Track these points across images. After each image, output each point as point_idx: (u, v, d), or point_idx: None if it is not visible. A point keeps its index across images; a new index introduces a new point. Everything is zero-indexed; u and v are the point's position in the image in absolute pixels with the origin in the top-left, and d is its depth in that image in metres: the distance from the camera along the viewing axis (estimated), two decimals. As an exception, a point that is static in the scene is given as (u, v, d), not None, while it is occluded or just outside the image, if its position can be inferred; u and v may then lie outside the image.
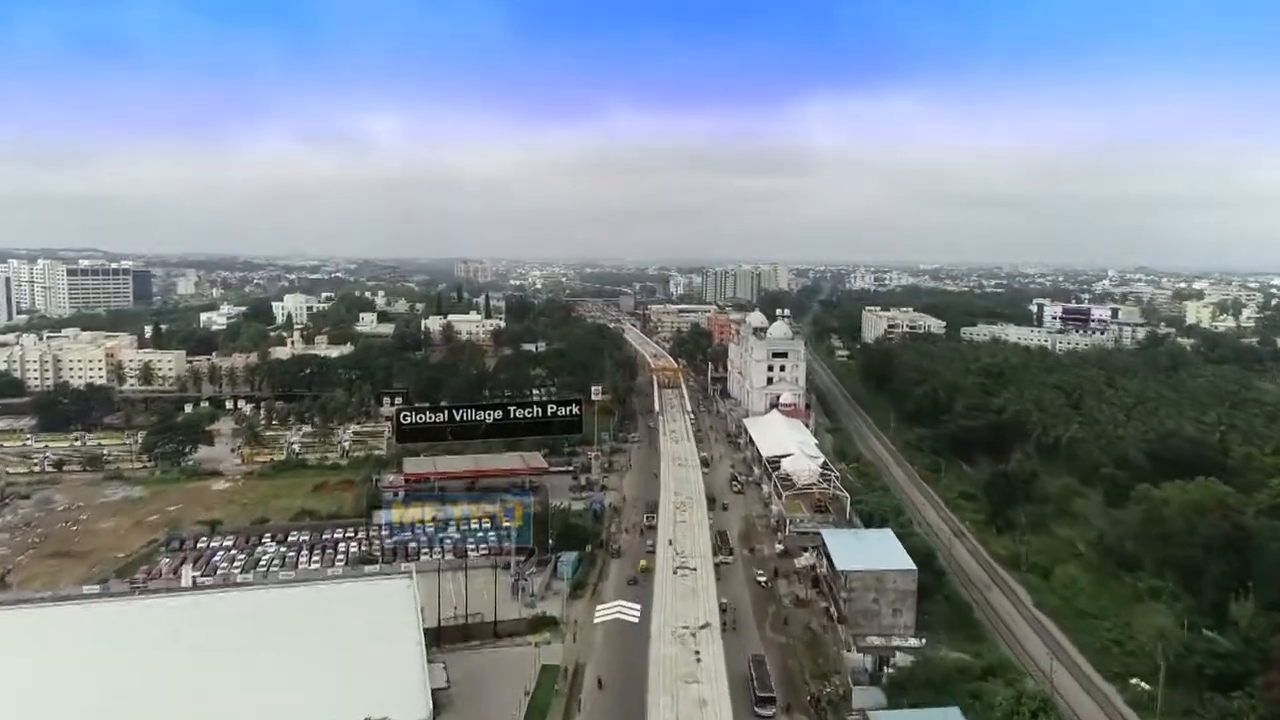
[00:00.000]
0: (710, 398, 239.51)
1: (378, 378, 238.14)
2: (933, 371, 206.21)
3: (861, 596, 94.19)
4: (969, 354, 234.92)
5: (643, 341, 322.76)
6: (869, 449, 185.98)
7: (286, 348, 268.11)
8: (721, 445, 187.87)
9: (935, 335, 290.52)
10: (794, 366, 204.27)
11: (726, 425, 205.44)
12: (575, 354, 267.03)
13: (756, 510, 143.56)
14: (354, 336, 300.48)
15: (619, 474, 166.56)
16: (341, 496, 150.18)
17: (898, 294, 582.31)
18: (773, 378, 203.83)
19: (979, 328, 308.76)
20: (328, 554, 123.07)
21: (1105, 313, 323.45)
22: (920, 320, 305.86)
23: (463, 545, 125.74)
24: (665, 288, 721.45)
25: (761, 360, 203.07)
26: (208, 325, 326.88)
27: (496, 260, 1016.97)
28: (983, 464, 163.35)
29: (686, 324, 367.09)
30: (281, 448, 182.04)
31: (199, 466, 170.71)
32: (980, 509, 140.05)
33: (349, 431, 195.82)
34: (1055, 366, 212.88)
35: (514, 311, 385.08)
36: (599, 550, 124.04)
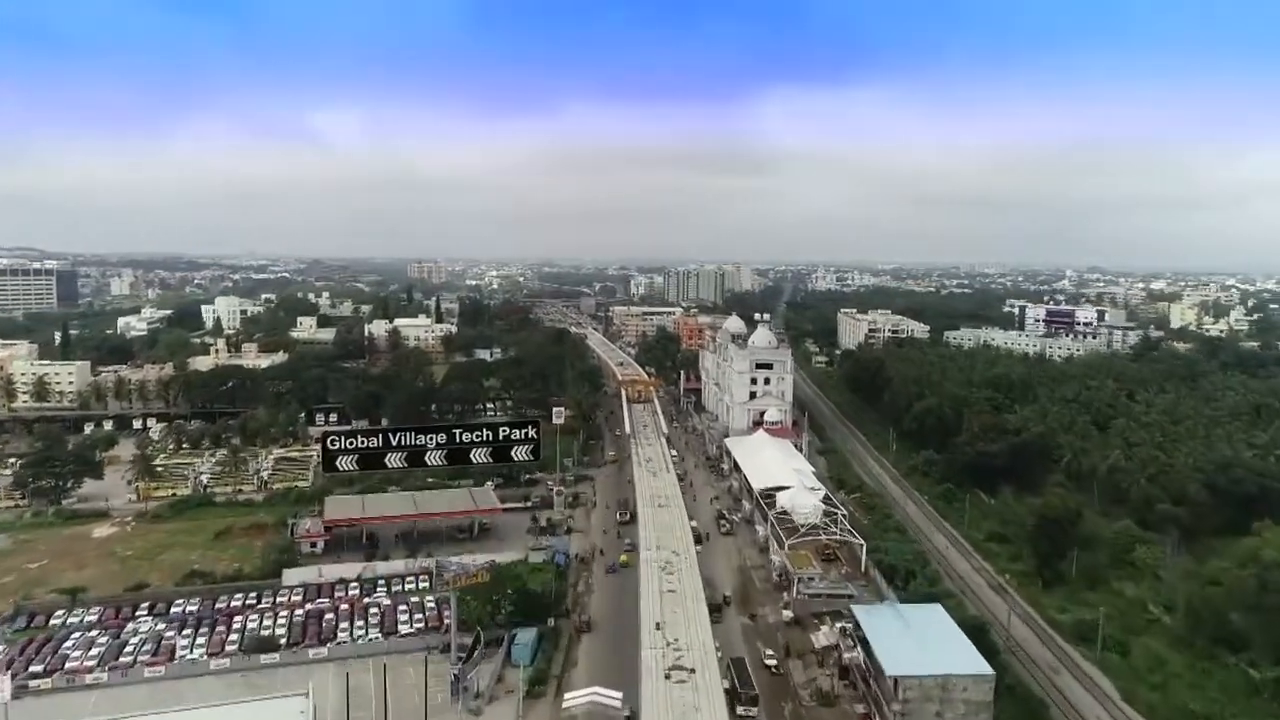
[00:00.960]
0: (684, 411, 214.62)
1: (311, 392, 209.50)
2: (933, 384, 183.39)
3: (920, 710, 69.50)
4: (964, 363, 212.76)
5: (606, 347, 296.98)
6: (869, 474, 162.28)
7: (209, 357, 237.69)
8: (701, 471, 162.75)
9: (919, 340, 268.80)
10: (780, 379, 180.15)
11: (705, 446, 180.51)
12: (533, 362, 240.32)
13: (751, 557, 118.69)
14: (289, 344, 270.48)
15: (585, 508, 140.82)
16: (248, 547, 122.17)
17: (864, 295, 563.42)
18: (756, 392, 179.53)
19: (962, 332, 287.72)
20: (218, 633, 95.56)
21: (1090, 315, 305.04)
22: (902, 324, 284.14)
23: (393, 615, 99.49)
24: (626, 288, 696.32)
25: (744, 372, 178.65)
26: (125, 331, 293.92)
27: (452, 260, 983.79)
28: (1005, 493, 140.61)
29: (652, 327, 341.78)
30: (187, 480, 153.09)
31: (82, 506, 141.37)
32: (1015, 552, 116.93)
33: (271, 458, 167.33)
34: (1061, 376, 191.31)
35: (468, 314, 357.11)
36: (564, 619, 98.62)
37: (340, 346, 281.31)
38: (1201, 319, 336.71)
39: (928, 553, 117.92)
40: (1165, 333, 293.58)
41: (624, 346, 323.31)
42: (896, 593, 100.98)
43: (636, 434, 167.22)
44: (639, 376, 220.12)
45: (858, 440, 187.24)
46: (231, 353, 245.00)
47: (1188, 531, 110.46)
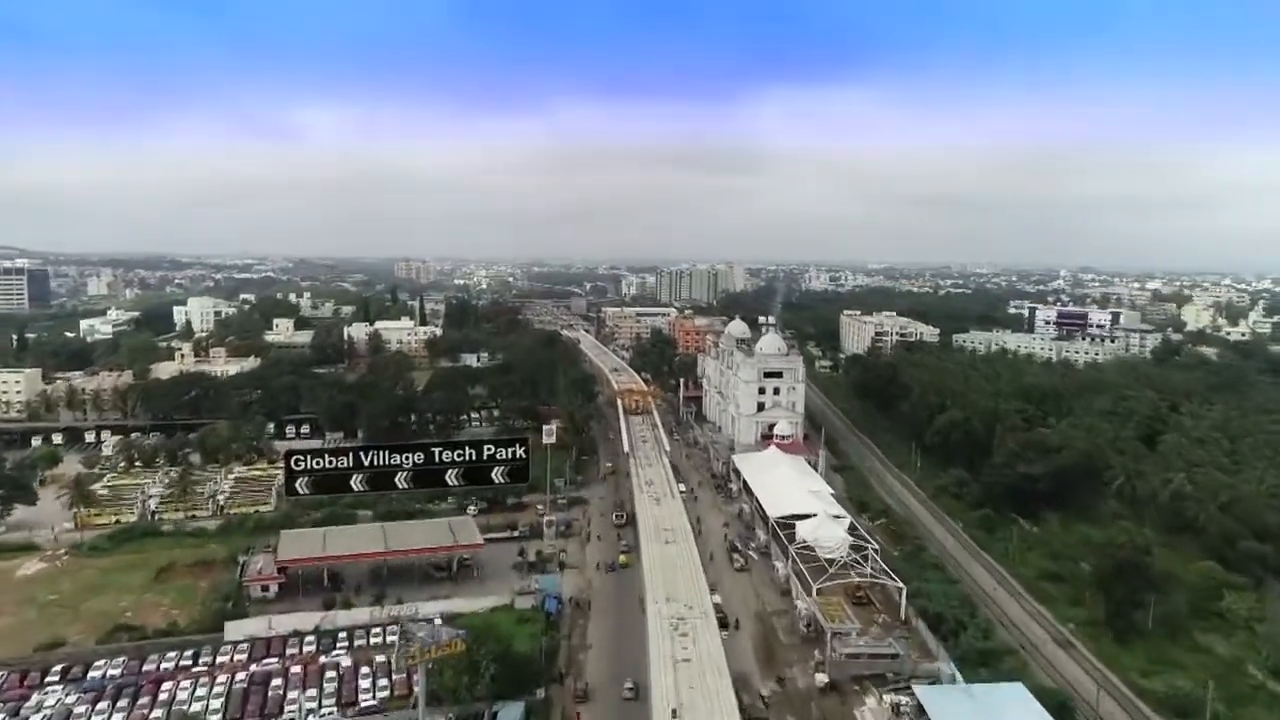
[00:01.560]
0: (684, 422, 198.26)
1: (281, 401, 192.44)
2: (955, 394, 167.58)
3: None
4: (985, 370, 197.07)
5: (599, 351, 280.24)
6: (891, 495, 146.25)
7: (174, 363, 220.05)
8: (706, 491, 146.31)
9: (929, 344, 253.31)
10: (791, 389, 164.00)
11: (710, 462, 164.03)
12: (522, 368, 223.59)
13: (771, 601, 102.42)
14: (262, 348, 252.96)
15: (578, 538, 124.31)
16: (192, 588, 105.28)
17: (861, 295, 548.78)
18: (765, 403, 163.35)
19: (972, 334, 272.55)
20: (140, 707, 78.70)
21: (1104, 317, 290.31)
22: (910, 327, 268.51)
23: (354, 680, 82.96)
24: (617, 288, 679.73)
25: (751, 382, 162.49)
26: (88, 335, 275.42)
27: (441, 259, 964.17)
28: (1050, 520, 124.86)
29: (646, 329, 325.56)
30: (134, 504, 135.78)
31: (10, 536, 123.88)
32: (1074, 595, 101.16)
33: (230, 478, 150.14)
34: (1092, 386, 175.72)
35: (454, 316, 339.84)
36: (556, 685, 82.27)
37: (318, 351, 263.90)
38: (1216, 321, 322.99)
39: (974, 595, 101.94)
40: (1183, 336, 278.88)
41: (617, 350, 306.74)
42: (944, 646, 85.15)
43: (636, 452, 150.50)
44: (636, 385, 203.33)
45: (874, 455, 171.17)
46: (198, 358, 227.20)
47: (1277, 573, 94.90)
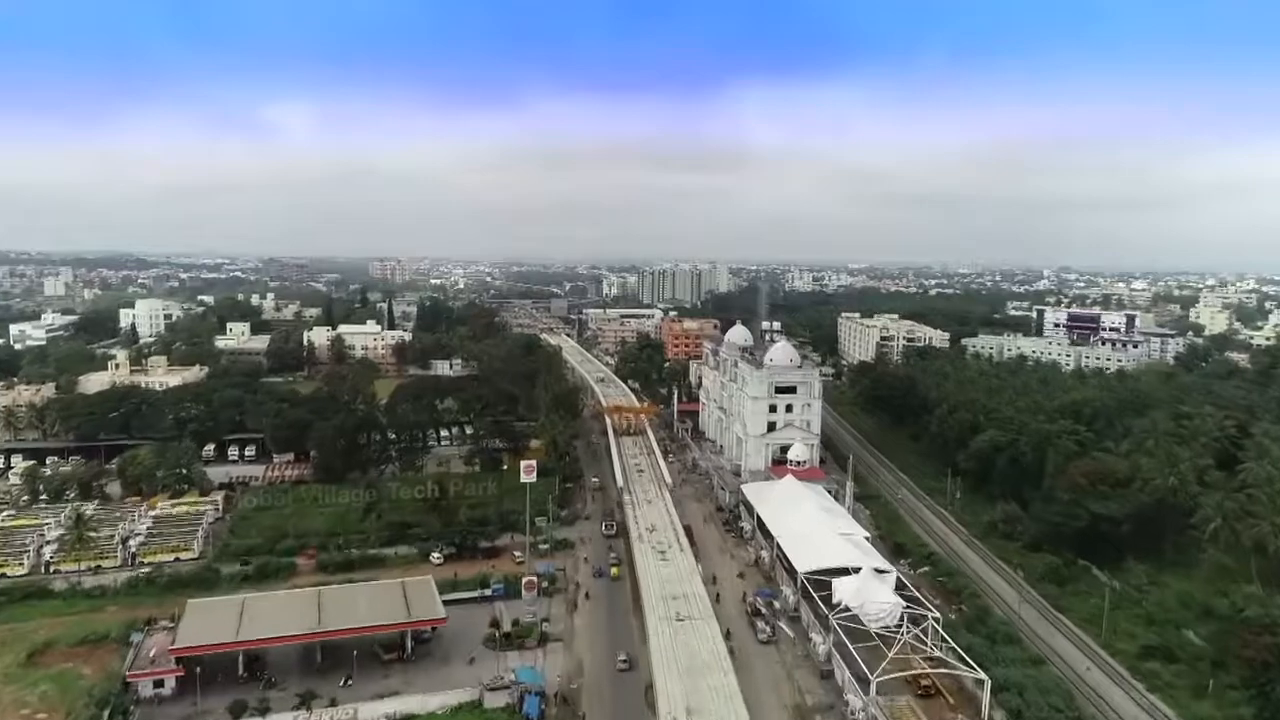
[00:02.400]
0: (679, 439, 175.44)
1: (224, 419, 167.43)
2: (987, 410, 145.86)
3: None
4: (1014, 380, 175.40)
5: (582, 357, 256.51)
6: (930, 533, 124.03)
7: (107, 373, 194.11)
8: (712, 529, 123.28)
9: (941, 350, 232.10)
10: (806, 407, 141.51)
11: (713, 490, 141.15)
12: (499, 378, 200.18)
13: (809, 685, 79.59)
14: (211, 355, 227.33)
15: (563, 594, 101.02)
16: (70, 680, 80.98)
17: (848, 296, 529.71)
18: (776, 423, 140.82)
19: (982, 339, 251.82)
20: None
21: (1117, 320, 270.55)
22: (918, 331, 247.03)
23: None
24: (598, 288, 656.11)
25: (760, 398, 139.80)
26: (18, 341, 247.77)
27: (417, 259, 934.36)
28: (1130, 571, 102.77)
29: (631, 333, 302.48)
30: (21, 555, 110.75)
31: None
32: (1196, 680, 79.20)
33: (150, 515, 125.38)
34: (1142, 399, 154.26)
35: (427, 318, 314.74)
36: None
37: (274, 358, 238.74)
38: (1232, 324, 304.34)
39: (1069, 682, 79.72)
40: (1205, 340, 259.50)
41: (601, 355, 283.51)
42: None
43: (632, 485, 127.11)
44: (627, 402, 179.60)
45: (899, 481, 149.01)
46: (135, 368, 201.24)
47: None
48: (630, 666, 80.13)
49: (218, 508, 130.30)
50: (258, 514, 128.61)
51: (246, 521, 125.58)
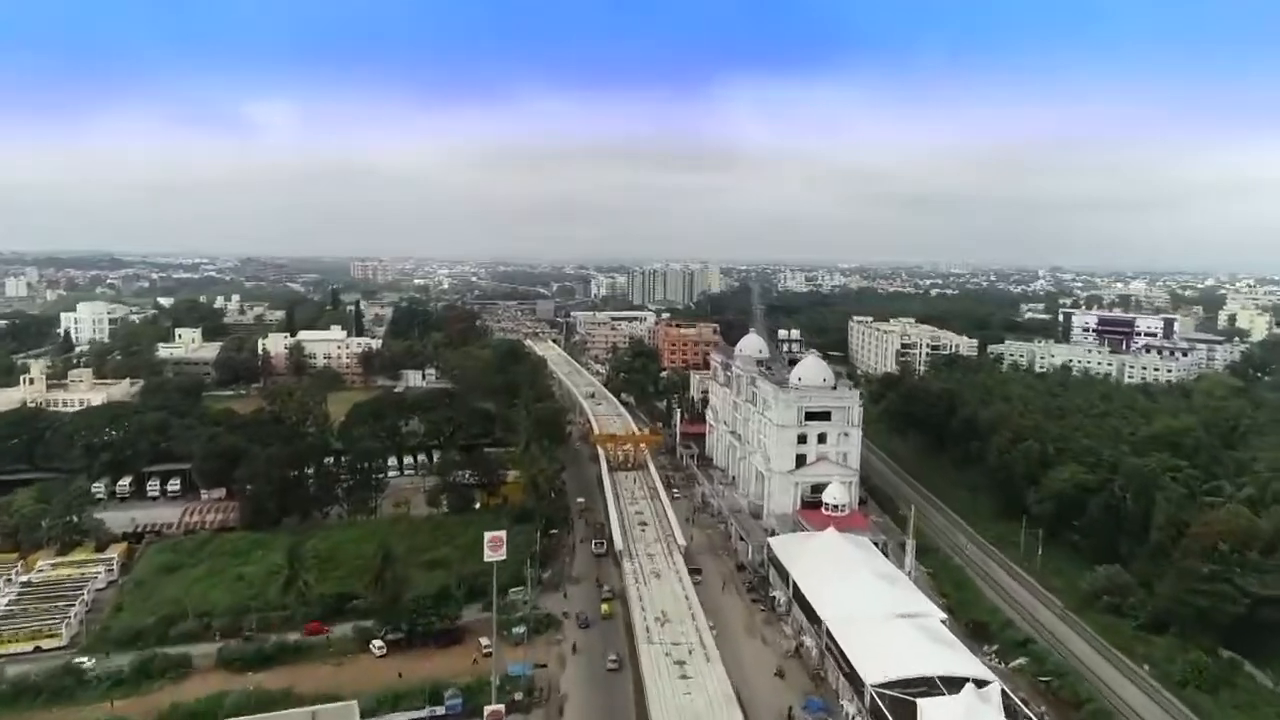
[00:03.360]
0: (683, 467, 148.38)
1: (144, 446, 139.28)
2: (1056, 439, 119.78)
3: None
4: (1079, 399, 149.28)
5: (569, 367, 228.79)
6: (1010, 601, 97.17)
7: (19, 389, 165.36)
8: (732, 598, 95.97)
9: (971, 360, 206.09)
10: (842, 437, 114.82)
11: (730, 540, 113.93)
12: (474, 394, 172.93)
13: None
14: (151, 366, 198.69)
15: (542, 707, 73.73)
16: None
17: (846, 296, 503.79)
18: (806, 455, 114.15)
19: (1011, 345, 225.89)
20: None
21: (1154, 324, 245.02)
22: (943, 337, 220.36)
23: None
24: (586, 288, 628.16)
25: (787, 426, 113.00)
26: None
27: (401, 258, 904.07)
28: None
29: (623, 338, 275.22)
30: None
31: None
32: None
33: (22, 579, 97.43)
34: (1227, 423, 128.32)
35: (402, 323, 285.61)
36: None
37: (223, 369, 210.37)
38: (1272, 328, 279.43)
39: None
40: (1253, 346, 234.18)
41: (590, 362, 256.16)
42: None
43: (633, 545, 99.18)
44: (623, 427, 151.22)
45: (955, 526, 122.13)
46: (54, 384, 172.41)
47: None
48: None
49: (113, 568, 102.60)
50: (160, 578, 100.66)
51: (142, 590, 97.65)
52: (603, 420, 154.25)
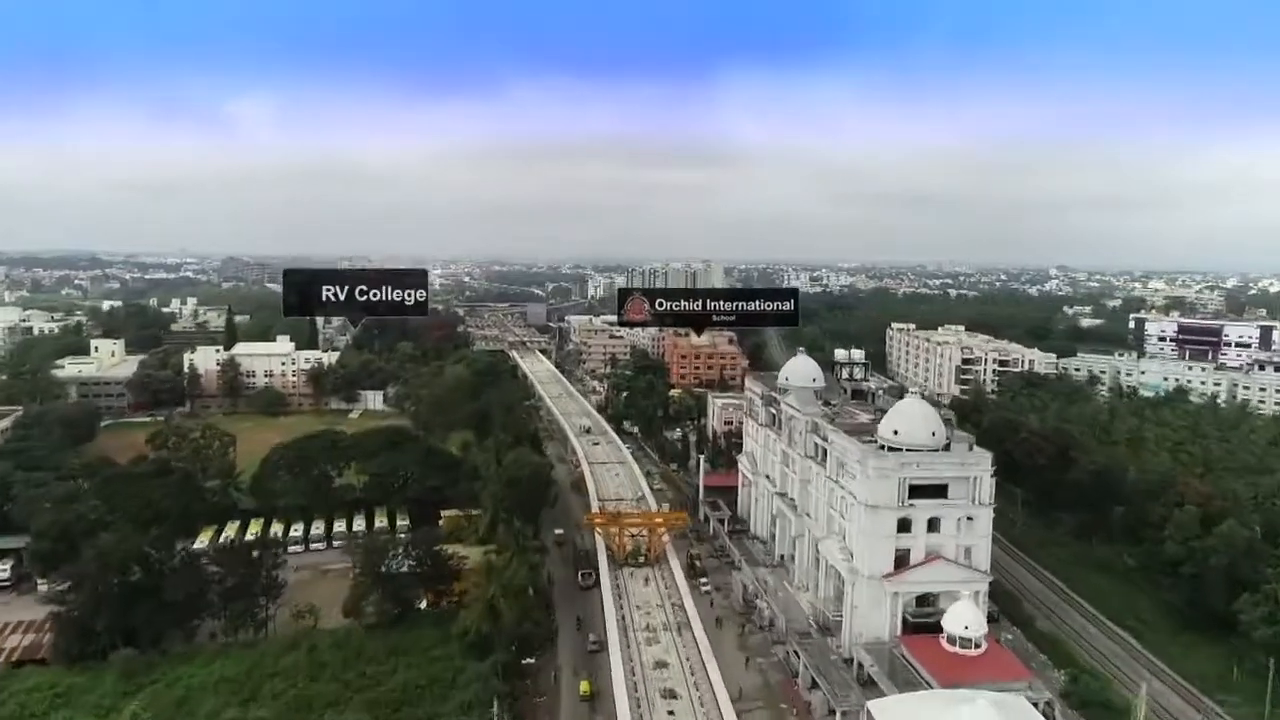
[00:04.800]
0: (708, 535, 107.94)
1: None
2: (1267, 508, 79.42)
3: None
4: (1247, 445, 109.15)
5: (560, 388, 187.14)
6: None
7: None
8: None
9: (1043, 377, 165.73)
10: (964, 522, 74.29)
11: (798, 690, 73.15)
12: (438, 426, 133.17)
13: None
14: (44, 389, 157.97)
15: None
16: None
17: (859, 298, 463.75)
18: (910, 550, 73.70)
19: (1081, 358, 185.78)
20: None
21: (1247, 332, 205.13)
22: (1011, 351, 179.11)
23: None
24: (582, 289, 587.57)
25: (884, 507, 72.60)
26: None
27: (392, 259, 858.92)
28: None
29: (623, 348, 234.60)
30: None
31: None
32: None
33: None
34: None
35: (371, 330, 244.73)
36: None
37: (140, 391, 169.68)
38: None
39: None
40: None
41: (587, 377, 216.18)
42: None
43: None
44: (632, 488, 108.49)
45: (1126, 648, 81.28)
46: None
47: None
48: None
49: None
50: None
51: None
52: (602, 476, 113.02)
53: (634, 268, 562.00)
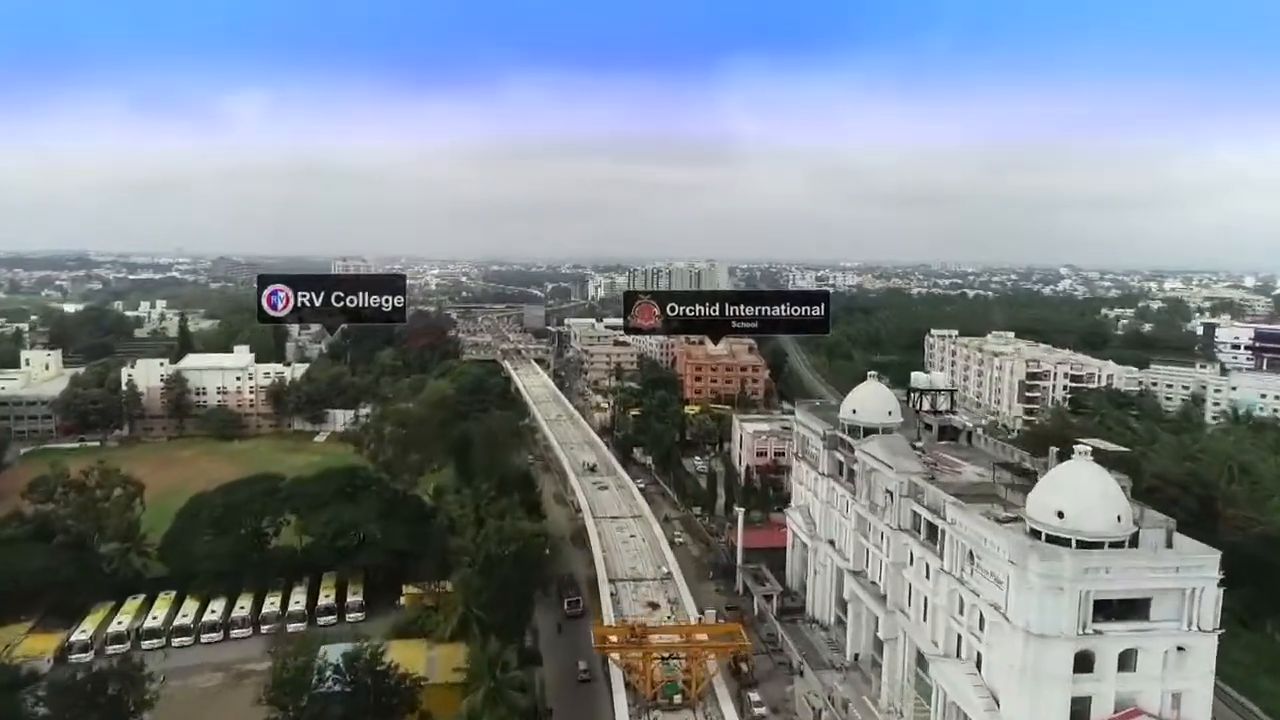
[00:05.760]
0: (749, 616, 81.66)
1: None
2: None
3: None
4: None
5: (558, 408, 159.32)
6: None
7: None
8: None
9: (1126, 396, 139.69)
10: (1173, 656, 48.02)
11: None
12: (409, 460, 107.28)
13: None
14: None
15: None
16: None
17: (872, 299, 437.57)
18: (1095, 698, 47.35)
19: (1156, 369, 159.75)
20: None
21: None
22: (1087, 365, 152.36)
23: None
24: (582, 289, 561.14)
25: (1056, 635, 46.21)
26: None
27: (390, 259, 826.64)
28: None
29: (629, 356, 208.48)
30: None
31: None
32: None
33: None
34: None
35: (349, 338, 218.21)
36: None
37: (69, 412, 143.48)
38: None
39: None
40: None
41: (587, 392, 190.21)
42: None
43: None
44: (656, 585, 78.10)
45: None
46: None
47: None
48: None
49: None
50: None
51: None
52: (612, 540, 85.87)
53: (635, 267, 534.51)
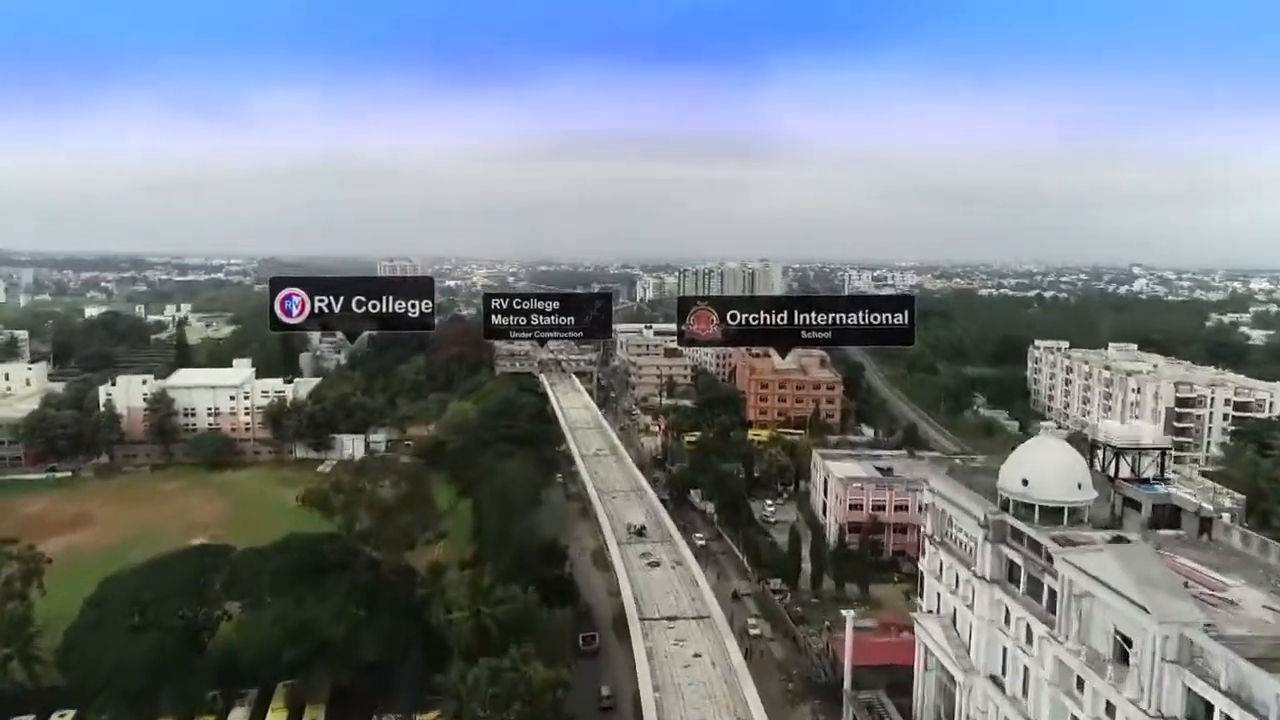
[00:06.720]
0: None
1: None
2: None
3: None
4: None
5: (600, 438, 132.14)
6: None
7: None
8: None
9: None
10: None
11: None
12: (388, 537, 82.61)
13: None
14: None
15: None
16: None
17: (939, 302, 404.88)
18: None
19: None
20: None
21: None
22: (1254, 389, 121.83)
23: None
24: (630, 290, 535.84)
25: None
26: None
27: (437, 259, 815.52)
28: None
29: (681, 369, 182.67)
30: None
31: None
32: None
33: None
34: None
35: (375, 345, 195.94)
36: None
37: (37, 438, 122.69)
38: None
39: None
40: None
41: (634, 410, 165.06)
42: None
43: None
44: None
45: None
46: None
47: None
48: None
49: None
50: None
51: None
52: (665, 657, 59.58)
53: (685, 268, 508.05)
